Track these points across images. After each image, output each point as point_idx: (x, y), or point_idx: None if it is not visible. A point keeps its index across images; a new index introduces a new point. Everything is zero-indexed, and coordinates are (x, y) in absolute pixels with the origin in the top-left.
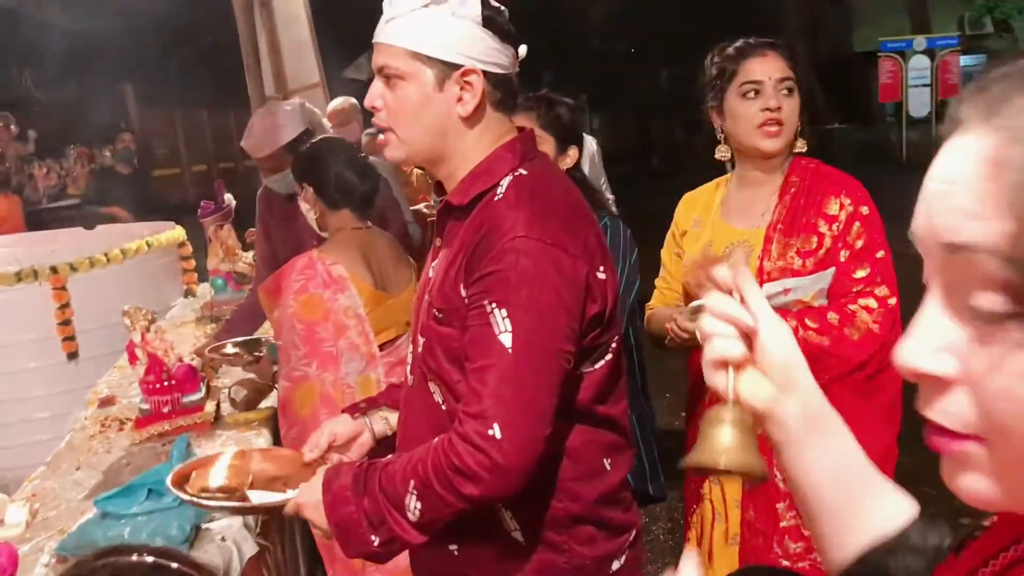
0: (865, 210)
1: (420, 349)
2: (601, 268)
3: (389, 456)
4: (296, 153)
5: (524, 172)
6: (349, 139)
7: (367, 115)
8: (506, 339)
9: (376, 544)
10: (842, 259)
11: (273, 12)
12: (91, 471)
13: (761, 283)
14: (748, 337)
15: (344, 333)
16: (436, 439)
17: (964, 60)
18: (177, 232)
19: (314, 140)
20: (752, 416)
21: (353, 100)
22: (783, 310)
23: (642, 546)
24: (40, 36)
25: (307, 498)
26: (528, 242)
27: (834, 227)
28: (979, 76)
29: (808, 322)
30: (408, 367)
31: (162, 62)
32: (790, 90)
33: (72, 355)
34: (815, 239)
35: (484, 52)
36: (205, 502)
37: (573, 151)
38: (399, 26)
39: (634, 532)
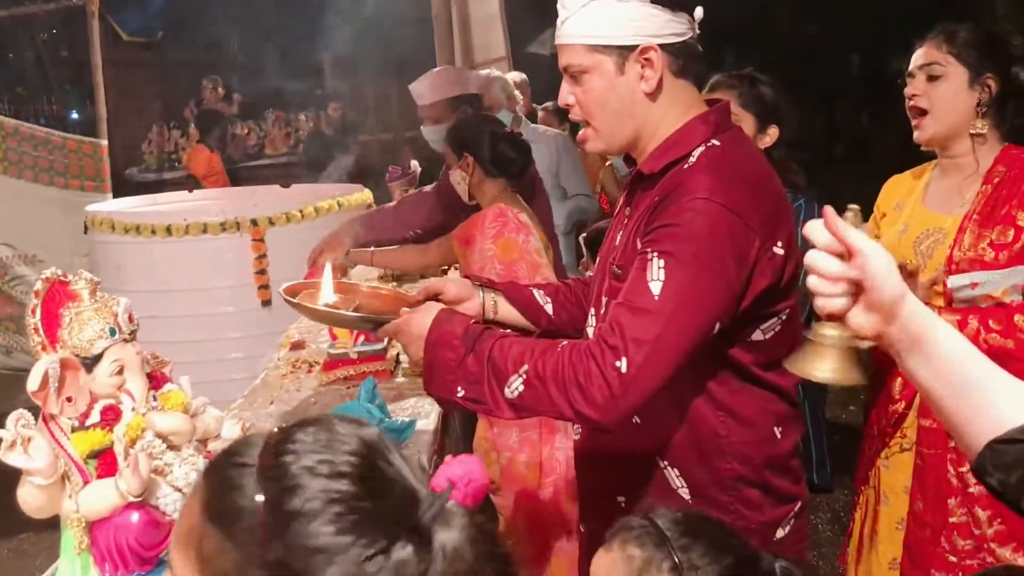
0: None
1: (603, 310)
2: (779, 243)
3: (504, 331)
4: (457, 119)
5: (717, 143)
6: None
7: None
8: (655, 287)
9: (460, 396)
10: None
11: None
12: (283, 406)
13: (949, 274)
14: (855, 281)
15: (539, 270)
16: (563, 343)
17: None
18: (365, 194)
19: (469, 116)
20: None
21: (523, 75)
22: (966, 308)
23: (808, 520)
24: (248, 5)
25: (412, 326)
26: (709, 204)
27: None
28: None
29: (992, 324)
30: (592, 329)
31: (359, 33)
32: (932, 76)
33: (266, 302)
34: (1012, 231)
35: (656, 26)
36: (310, 305)
37: (773, 130)
38: (573, 24)
39: (800, 504)
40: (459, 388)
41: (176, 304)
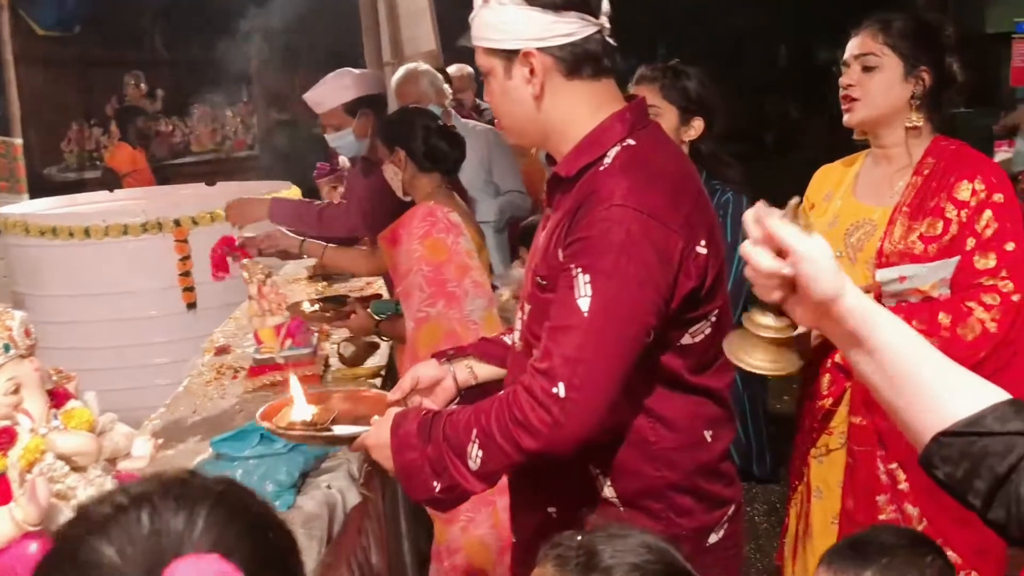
0: (999, 197)
1: (526, 316)
2: (703, 242)
3: (454, 406)
4: (386, 119)
5: (632, 142)
6: (466, 105)
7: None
8: (584, 303)
9: (438, 490)
10: (968, 247)
11: None
12: (206, 415)
13: (879, 266)
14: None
15: (467, 273)
16: (502, 391)
17: None
18: (293, 191)
19: (402, 108)
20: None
21: (470, 69)
22: (895, 304)
23: (742, 522)
24: None
25: (375, 439)
26: (624, 210)
27: (963, 213)
28: None
29: (915, 323)
30: (517, 333)
31: (283, 27)
32: (868, 67)
33: (191, 305)
34: (941, 224)
35: (537, 30)
36: (284, 432)
37: (698, 122)
38: (474, 26)
39: (734, 507)
40: (434, 483)
41: (96, 309)
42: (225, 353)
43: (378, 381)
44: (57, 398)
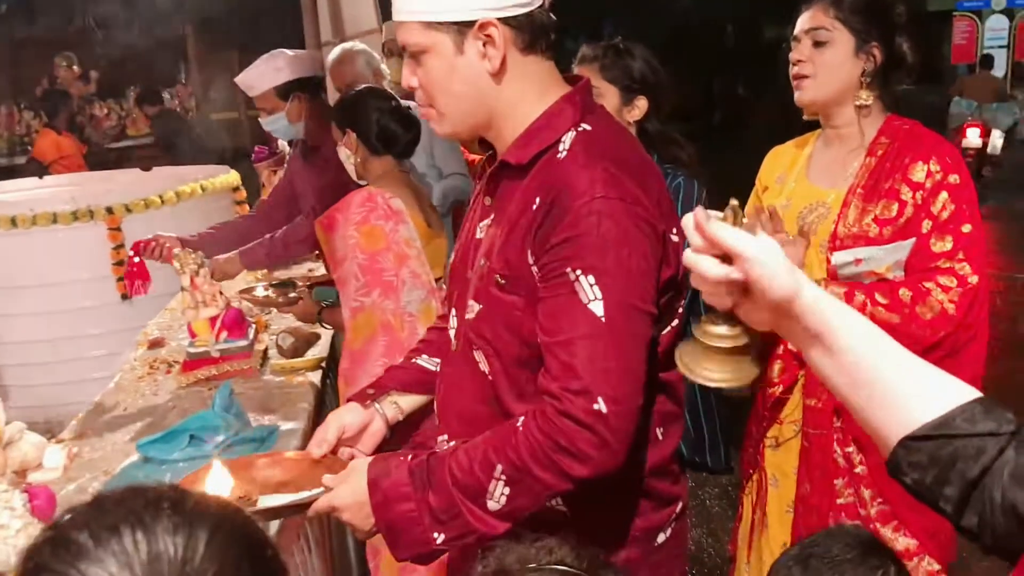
0: (955, 179)
1: (472, 315)
2: (675, 230)
3: (447, 447)
4: (339, 100)
5: (588, 127)
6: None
7: None
8: (597, 307)
9: (440, 542)
10: (924, 230)
11: None
12: (137, 413)
13: (833, 249)
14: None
15: (405, 262)
16: (522, 419)
17: None
18: (231, 176)
19: (356, 88)
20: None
21: None
22: (852, 283)
23: (687, 519)
24: None
25: (346, 498)
26: (608, 203)
27: (918, 195)
28: None
29: (878, 297)
30: (452, 331)
31: (223, 6)
32: (818, 42)
33: (126, 296)
34: (896, 206)
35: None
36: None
37: (641, 102)
38: (407, 0)
39: (680, 504)
40: (435, 535)
41: (26, 301)
42: (159, 347)
43: (318, 373)
44: None
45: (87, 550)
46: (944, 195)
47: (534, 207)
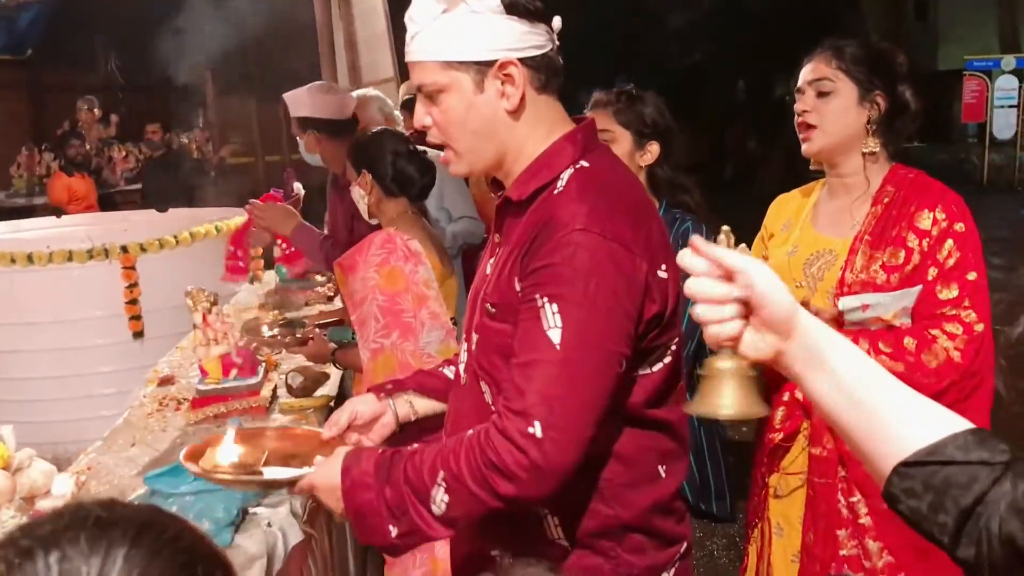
0: (960, 227)
1: (474, 347)
2: (663, 267)
3: (416, 445)
4: (356, 140)
5: (586, 164)
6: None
7: None
8: (555, 335)
9: (394, 535)
10: (930, 277)
11: (351, 4)
12: (146, 448)
13: (840, 295)
14: (744, 301)
15: (425, 304)
16: (470, 432)
17: None
18: (244, 218)
19: (374, 130)
20: (755, 364)
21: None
22: (857, 331)
23: (691, 560)
24: (125, 22)
25: (323, 480)
26: (587, 236)
27: (924, 242)
28: None
29: (882, 346)
30: (462, 365)
31: (242, 52)
32: (822, 92)
33: (138, 334)
34: (903, 253)
35: (515, 39)
36: (211, 475)
37: (653, 146)
38: (424, 40)
39: (685, 544)
40: (391, 528)
41: (40, 337)
42: (169, 384)
43: (327, 412)
44: None
45: None
46: (950, 242)
47: (526, 239)
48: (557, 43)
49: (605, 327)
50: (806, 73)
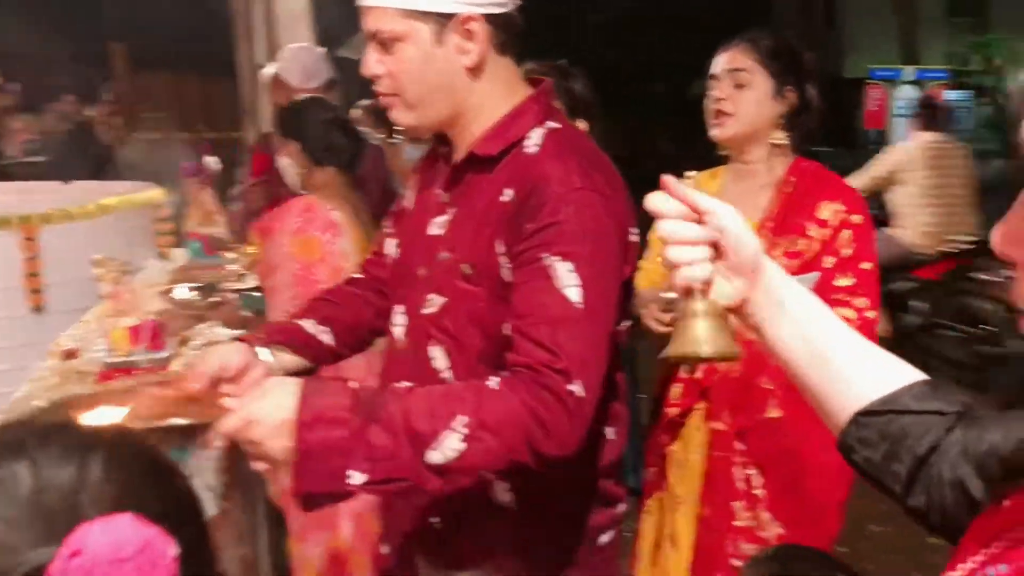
0: (857, 219)
1: (433, 310)
2: (634, 229)
3: (399, 385)
4: (281, 110)
5: (557, 126)
6: None
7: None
8: (573, 293)
9: (359, 481)
10: (827, 265)
11: None
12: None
13: None
14: (713, 245)
15: (339, 276)
16: (495, 379)
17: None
18: (154, 193)
19: (300, 99)
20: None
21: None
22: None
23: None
24: None
25: (266, 413)
26: (588, 194)
27: (824, 232)
28: None
29: None
30: (399, 328)
31: (154, 25)
32: (739, 84)
33: (37, 308)
34: (803, 242)
35: None
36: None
37: (581, 124)
38: None
39: (622, 507)
40: (355, 472)
41: None
42: (73, 357)
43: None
44: None
45: None
46: (848, 233)
47: (504, 199)
48: (519, 2)
49: (610, 287)
50: (723, 61)
